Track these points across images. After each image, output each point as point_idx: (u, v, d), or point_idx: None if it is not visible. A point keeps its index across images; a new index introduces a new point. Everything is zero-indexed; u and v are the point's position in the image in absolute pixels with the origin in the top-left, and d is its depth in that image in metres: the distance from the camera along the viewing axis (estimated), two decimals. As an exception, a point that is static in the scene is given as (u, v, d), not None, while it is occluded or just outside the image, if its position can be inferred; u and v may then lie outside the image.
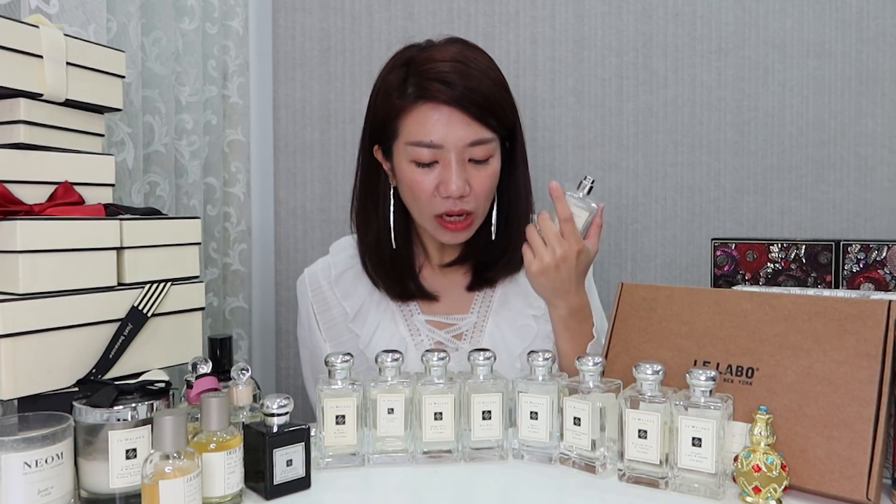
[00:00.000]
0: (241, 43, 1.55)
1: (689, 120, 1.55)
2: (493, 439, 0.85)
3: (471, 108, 1.00)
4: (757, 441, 0.73)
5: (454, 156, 1.01)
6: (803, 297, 0.81)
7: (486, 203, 1.08)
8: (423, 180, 1.03)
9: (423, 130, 1.01)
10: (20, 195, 0.82)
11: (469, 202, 1.04)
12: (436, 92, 1.00)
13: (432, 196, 1.04)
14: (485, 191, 1.05)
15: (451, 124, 1.00)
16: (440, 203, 1.04)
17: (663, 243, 1.57)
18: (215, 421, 0.71)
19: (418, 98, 1.02)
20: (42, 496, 0.67)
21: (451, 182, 1.01)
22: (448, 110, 1.00)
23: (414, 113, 1.02)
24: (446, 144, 1.01)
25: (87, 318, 0.81)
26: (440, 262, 1.16)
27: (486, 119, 1.02)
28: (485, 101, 1.01)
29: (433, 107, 1.01)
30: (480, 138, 1.02)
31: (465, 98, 1.00)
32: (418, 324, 1.13)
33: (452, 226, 1.06)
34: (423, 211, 1.06)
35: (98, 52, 0.92)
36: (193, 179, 1.39)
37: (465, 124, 1.01)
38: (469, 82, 1.01)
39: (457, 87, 1.00)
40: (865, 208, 1.49)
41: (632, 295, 0.94)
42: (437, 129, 1.01)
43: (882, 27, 1.47)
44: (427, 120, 1.01)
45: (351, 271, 1.17)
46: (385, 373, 0.85)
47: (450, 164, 1.01)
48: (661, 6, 1.54)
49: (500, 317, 1.13)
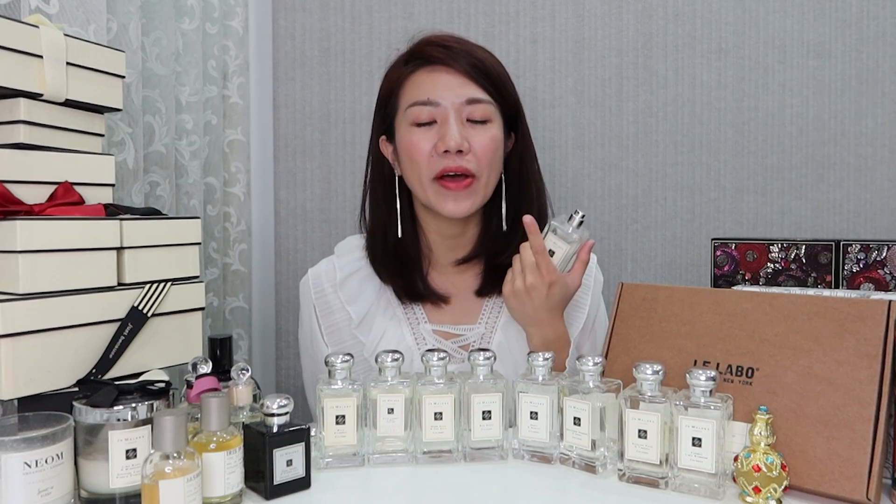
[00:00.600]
0: (241, 43, 1.55)
1: (689, 120, 1.55)
2: (493, 439, 0.85)
3: (466, 67, 1.04)
4: (757, 441, 0.73)
5: (452, 112, 1.03)
6: (803, 297, 0.81)
7: (489, 170, 1.06)
8: (420, 140, 1.04)
9: (421, 90, 1.05)
10: (20, 195, 0.82)
11: (469, 161, 1.03)
12: (432, 53, 1.05)
13: (430, 156, 1.04)
14: (486, 152, 1.04)
15: (447, 82, 1.04)
16: (438, 161, 1.03)
17: (663, 243, 1.57)
18: (215, 421, 0.71)
19: (417, 65, 1.07)
20: (42, 496, 0.67)
21: (448, 135, 1.02)
22: (444, 69, 1.05)
23: (412, 78, 1.07)
24: (443, 101, 1.03)
25: (87, 318, 0.81)
26: (451, 259, 1.13)
27: (482, 81, 1.05)
28: (480, 64, 1.05)
29: (430, 69, 1.06)
30: (477, 97, 1.04)
31: (461, 58, 1.04)
32: (425, 333, 1.11)
33: (453, 185, 1.03)
34: (423, 175, 1.05)
35: (98, 52, 0.92)
36: (193, 179, 1.39)
37: (461, 83, 1.04)
38: (465, 47, 1.06)
39: (452, 48, 1.05)
40: (865, 208, 1.49)
41: (632, 295, 0.94)
42: (433, 87, 1.04)
43: (882, 27, 1.47)
44: (424, 81, 1.05)
45: (358, 274, 1.14)
46: (385, 373, 0.84)
47: (447, 120, 1.03)
48: (661, 6, 1.54)
49: (508, 328, 1.11)
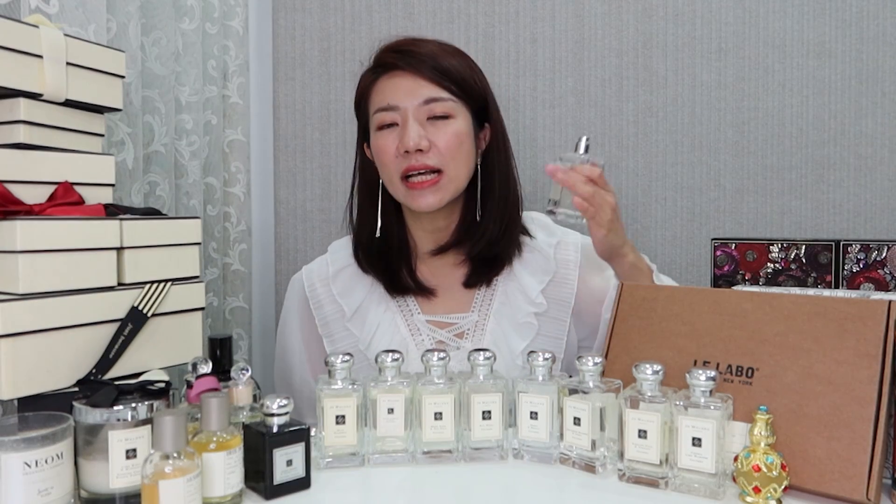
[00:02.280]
0: (241, 43, 1.55)
1: (689, 120, 1.55)
2: (493, 439, 0.85)
3: (423, 69, 1.07)
4: (757, 441, 0.73)
5: (410, 113, 1.06)
6: (803, 297, 0.81)
7: (455, 163, 1.07)
8: (385, 144, 1.08)
9: (382, 96, 1.09)
10: (20, 195, 0.81)
11: (431, 157, 1.06)
12: (389, 60, 1.08)
13: (395, 157, 1.07)
14: (449, 147, 1.06)
15: (405, 86, 1.07)
16: (402, 161, 1.06)
17: (663, 243, 1.57)
18: (215, 421, 0.71)
19: (379, 73, 1.10)
20: (42, 496, 0.67)
21: (406, 136, 1.05)
22: (401, 73, 1.08)
23: (376, 85, 1.11)
24: (401, 104, 1.07)
25: (87, 318, 0.81)
26: (428, 248, 1.16)
27: (440, 80, 1.07)
28: (437, 65, 1.07)
29: (390, 75, 1.09)
30: (435, 96, 1.07)
31: (418, 61, 1.07)
32: (419, 323, 1.13)
33: (419, 184, 1.06)
34: (392, 175, 1.08)
35: (98, 52, 0.92)
36: (193, 179, 1.39)
37: (418, 85, 1.07)
38: (420, 49, 1.08)
39: (407, 52, 1.08)
40: (865, 208, 1.49)
41: (632, 295, 0.94)
42: (393, 92, 1.08)
43: (882, 27, 1.47)
44: (385, 87, 1.09)
45: (349, 269, 1.17)
46: (385, 373, 0.84)
47: (406, 122, 1.06)
48: (661, 6, 1.54)
49: (501, 315, 1.13)
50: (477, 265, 1.14)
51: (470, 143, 1.09)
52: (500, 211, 1.12)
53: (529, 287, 1.12)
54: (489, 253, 1.12)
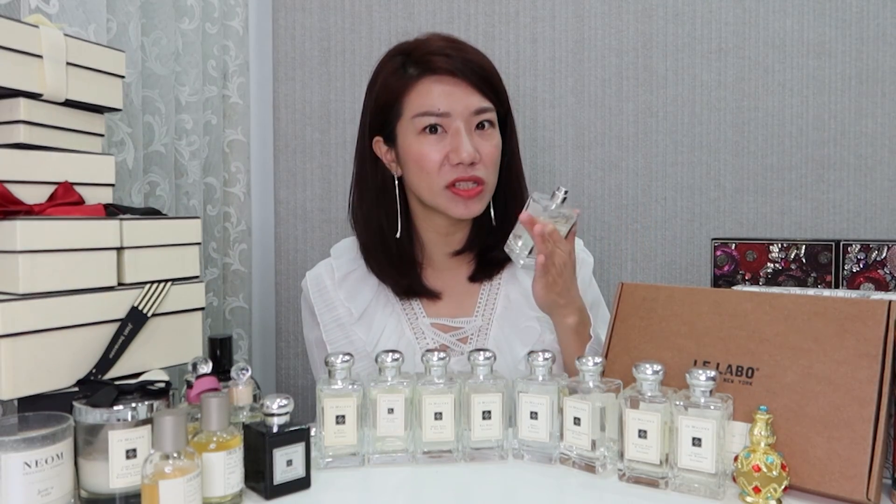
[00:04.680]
0: (241, 43, 1.55)
1: (689, 120, 1.55)
2: (493, 439, 0.85)
3: (472, 77, 1.05)
4: (757, 441, 0.73)
5: (462, 123, 1.04)
6: (803, 297, 0.81)
7: (495, 176, 1.09)
8: (430, 151, 1.05)
9: (429, 101, 1.04)
10: (20, 195, 0.81)
11: (480, 169, 1.05)
12: (438, 63, 1.05)
13: (441, 166, 1.05)
14: (492, 160, 1.07)
15: (455, 93, 1.04)
16: (450, 172, 1.05)
17: (663, 243, 1.57)
18: (215, 421, 0.71)
19: (421, 74, 1.06)
20: (42, 496, 0.67)
21: (461, 148, 1.03)
22: (451, 79, 1.05)
23: (418, 87, 1.06)
24: (453, 112, 1.04)
25: (87, 318, 0.81)
26: (445, 252, 1.15)
27: (486, 90, 1.06)
28: (483, 72, 1.06)
29: (436, 79, 1.05)
30: (483, 106, 1.06)
31: (466, 68, 1.05)
32: (423, 327, 1.12)
33: (465, 193, 1.05)
34: (434, 185, 1.06)
35: (98, 52, 0.92)
36: (193, 179, 1.39)
37: (468, 93, 1.05)
38: (466, 55, 1.06)
39: (456, 59, 1.05)
40: (865, 208, 1.49)
41: (632, 295, 0.94)
42: (443, 99, 1.04)
43: (882, 27, 1.47)
44: (432, 91, 1.05)
45: (355, 273, 1.16)
46: (385, 373, 0.84)
47: (459, 132, 1.04)
48: (661, 6, 1.54)
49: (504, 319, 1.12)
50: (482, 261, 1.15)
51: (501, 150, 1.11)
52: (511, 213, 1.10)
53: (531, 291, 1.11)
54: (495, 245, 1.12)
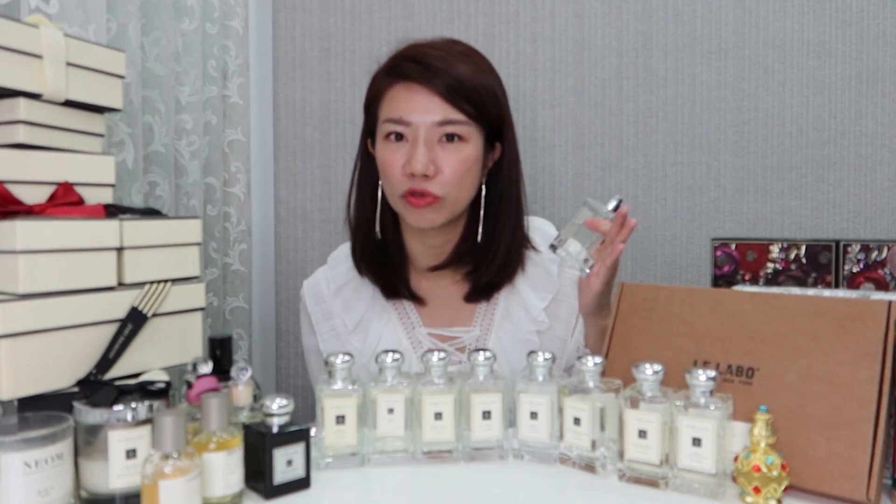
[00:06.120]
0: (241, 43, 1.55)
1: (689, 120, 1.55)
2: (493, 439, 0.85)
3: (441, 88, 1.01)
4: (757, 441, 0.73)
5: (421, 133, 1.01)
6: (803, 297, 0.81)
7: (458, 191, 1.04)
8: (392, 158, 1.03)
9: (394, 107, 1.03)
10: (20, 195, 0.81)
11: (434, 184, 1.02)
12: (408, 70, 1.02)
13: (400, 174, 1.03)
14: (454, 174, 1.02)
15: (419, 102, 1.02)
16: (406, 181, 1.02)
17: (663, 243, 1.57)
18: (215, 421, 0.71)
19: (394, 79, 1.04)
20: (42, 496, 0.67)
21: (414, 159, 1.00)
22: (418, 88, 1.02)
23: (389, 93, 1.05)
24: (413, 121, 1.02)
25: (87, 318, 0.81)
26: (425, 264, 1.13)
27: (458, 102, 1.02)
28: (458, 84, 1.01)
29: (406, 85, 1.03)
30: (450, 118, 1.02)
31: (437, 78, 1.01)
32: (420, 336, 1.12)
33: (415, 201, 1.02)
34: (394, 191, 1.05)
35: (98, 52, 0.92)
36: (193, 179, 1.39)
37: (433, 104, 1.01)
38: (444, 64, 1.02)
39: (429, 66, 1.01)
40: (865, 208, 1.49)
41: (632, 295, 0.94)
42: (405, 106, 1.02)
43: (882, 27, 1.47)
44: (398, 98, 1.03)
45: (350, 284, 1.16)
46: (385, 373, 0.84)
47: (416, 142, 1.01)
48: (661, 6, 1.54)
49: (502, 330, 1.11)
50: (478, 283, 1.12)
51: (477, 168, 1.06)
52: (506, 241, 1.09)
53: (532, 304, 1.10)
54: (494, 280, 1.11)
